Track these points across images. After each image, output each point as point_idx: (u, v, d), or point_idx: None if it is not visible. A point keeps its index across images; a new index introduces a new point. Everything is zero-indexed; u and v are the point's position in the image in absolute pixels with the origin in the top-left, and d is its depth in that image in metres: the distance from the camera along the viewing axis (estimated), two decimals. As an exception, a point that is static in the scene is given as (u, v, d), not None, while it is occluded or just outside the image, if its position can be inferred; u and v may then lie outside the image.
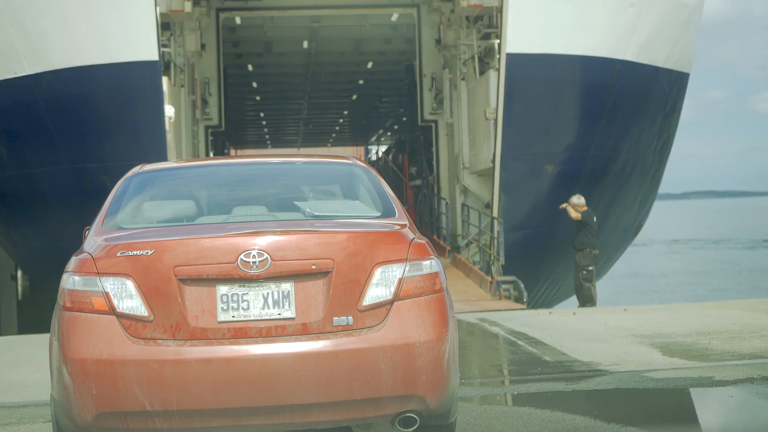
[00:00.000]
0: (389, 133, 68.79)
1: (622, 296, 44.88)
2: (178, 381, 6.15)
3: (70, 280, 6.44)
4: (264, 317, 6.31)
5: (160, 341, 6.25)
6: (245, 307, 6.32)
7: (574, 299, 28.95)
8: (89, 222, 7.43)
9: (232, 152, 75.17)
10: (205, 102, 29.37)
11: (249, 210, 7.32)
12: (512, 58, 21.97)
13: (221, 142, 32.05)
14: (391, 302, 6.40)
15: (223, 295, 6.31)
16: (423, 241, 6.68)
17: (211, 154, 29.92)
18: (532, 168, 23.00)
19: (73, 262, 6.56)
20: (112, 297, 6.31)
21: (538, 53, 22.19)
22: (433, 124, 30.34)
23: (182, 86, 26.82)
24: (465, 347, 12.64)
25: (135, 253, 6.37)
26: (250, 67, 40.00)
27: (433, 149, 30.61)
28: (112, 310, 6.29)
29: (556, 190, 23.34)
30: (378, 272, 6.41)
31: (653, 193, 27.45)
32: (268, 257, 6.30)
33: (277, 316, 6.32)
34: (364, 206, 7.30)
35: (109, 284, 6.33)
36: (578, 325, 14.16)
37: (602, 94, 23.11)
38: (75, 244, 6.97)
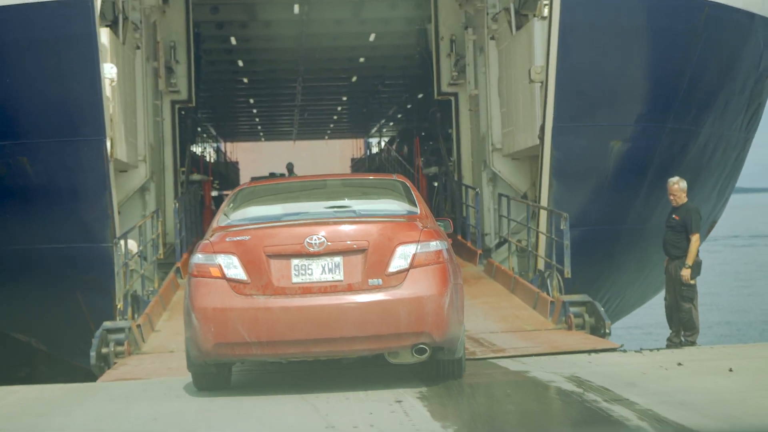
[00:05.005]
0: (391, 123, 63.70)
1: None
2: (266, 321, 9.54)
3: (197, 257, 9.89)
4: (322, 280, 9.67)
5: (254, 296, 9.65)
6: (310, 273, 9.67)
7: (642, 315, 23.61)
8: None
9: (224, 146, 70.24)
10: (170, 70, 23.66)
11: (321, 210, 10.76)
12: (569, -3, 16.42)
13: (192, 121, 26.31)
14: (407, 270, 9.65)
15: (295, 265, 9.68)
16: (432, 228, 10.05)
17: (177, 136, 24.15)
18: (592, 145, 17.46)
19: (199, 245, 9.98)
20: (223, 267, 9.72)
21: (602, -10, 16.66)
22: (452, 98, 24.70)
23: (137, 48, 21.15)
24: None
25: (238, 238, 9.82)
26: (233, 41, 34.26)
27: (453, 129, 24.95)
28: (223, 276, 9.69)
29: (624, 175, 17.83)
30: (399, 249, 9.69)
31: (733, 180, 21.82)
32: (325, 240, 9.68)
33: (331, 279, 9.67)
34: (397, 205, 10.78)
35: (221, 259, 9.74)
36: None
37: (685, 46, 17.54)
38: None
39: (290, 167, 36.10)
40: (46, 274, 17.85)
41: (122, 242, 15.80)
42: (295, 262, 9.58)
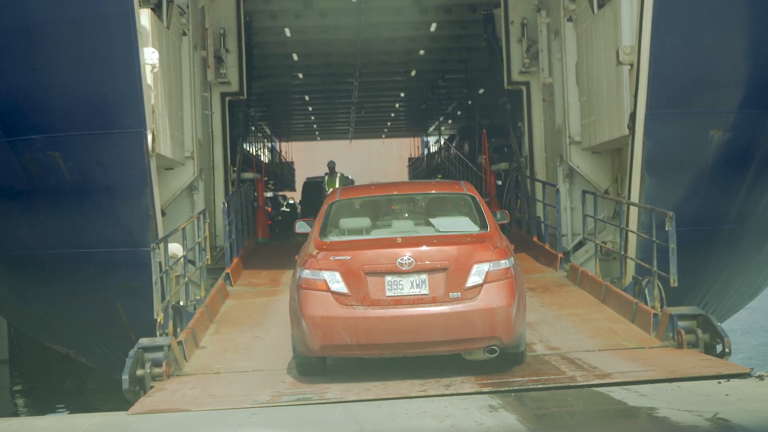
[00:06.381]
0: (450, 121, 61.87)
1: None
2: (364, 327, 11.50)
3: (304, 272, 11.81)
4: (411, 293, 11.55)
5: (354, 307, 11.57)
6: (401, 288, 11.56)
7: (735, 323, 21.62)
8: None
9: (279, 145, 68.79)
10: (219, 60, 22.01)
11: (402, 225, 12.75)
12: (664, -34, 14.57)
13: (243, 114, 24.58)
14: (482, 285, 11.54)
15: (388, 281, 11.58)
16: (502, 246, 11.94)
17: (228, 131, 22.47)
18: (690, 134, 15.71)
19: (307, 262, 11.86)
20: (328, 282, 11.61)
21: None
22: (523, 88, 22.83)
23: (184, 34, 19.50)
24: None
25: (340, 258, 11.72)
26: (287, 32, 32.58)
27: (524, 121, 23.07)
28: (328, 289, 11.59)
29: (725, 168, 16.04)
30: (474, 268, 11.60)
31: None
32: (413, 260, 11.57)
33: (418, 293, 11.54)
34: (470, 222, 12.62)
35: (326, 275, 11.65)
36: None
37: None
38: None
39: (332, 166, 34.77)
40: (82, 281, 16.30)
41: (161, 246, 14.07)
42: (388, 278, 11.52)
